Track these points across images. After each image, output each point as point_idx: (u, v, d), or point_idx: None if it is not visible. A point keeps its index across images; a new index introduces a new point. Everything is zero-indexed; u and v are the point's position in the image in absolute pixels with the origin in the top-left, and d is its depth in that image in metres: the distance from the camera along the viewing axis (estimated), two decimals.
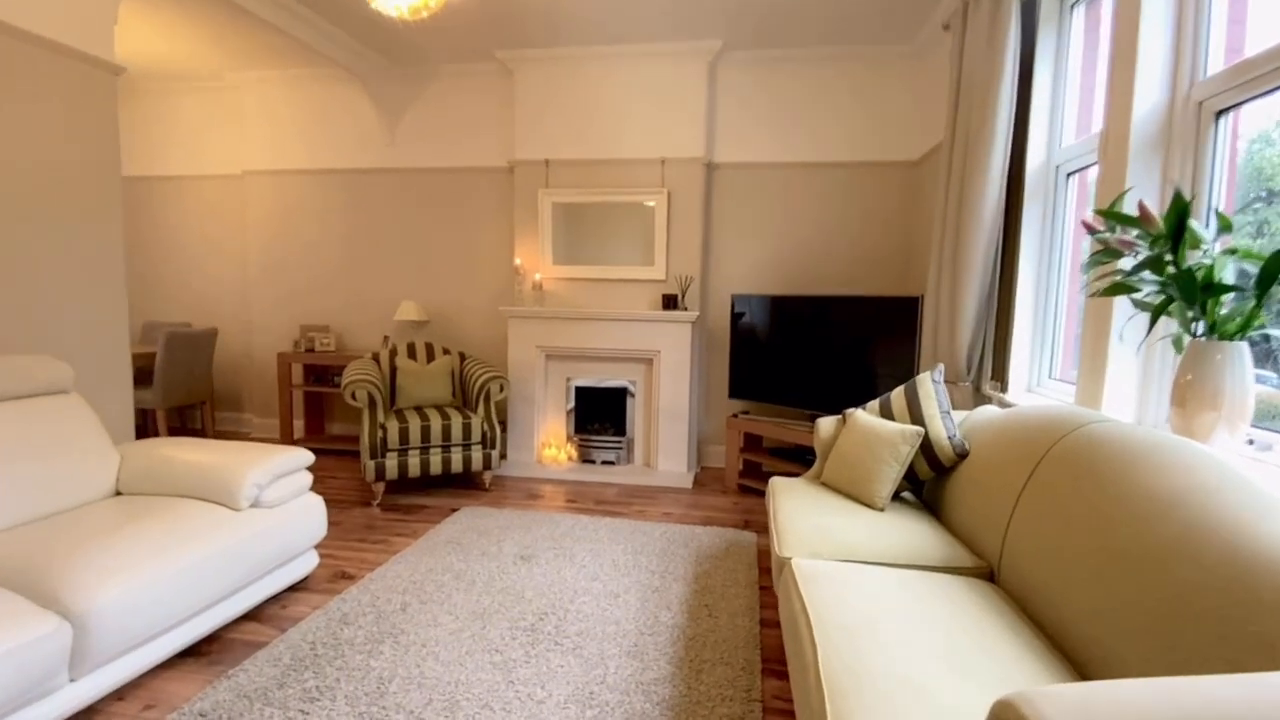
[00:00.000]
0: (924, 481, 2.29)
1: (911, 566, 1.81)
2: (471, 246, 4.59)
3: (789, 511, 2.11)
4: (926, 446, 2.18)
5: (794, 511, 2.10)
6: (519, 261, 4.28)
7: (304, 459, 2.41)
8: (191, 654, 2.01)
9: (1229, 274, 1.44)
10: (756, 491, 3.85)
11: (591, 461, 4.30)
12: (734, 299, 3.98)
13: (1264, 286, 1.34)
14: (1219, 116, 1.72)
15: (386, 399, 3.73)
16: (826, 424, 2.64)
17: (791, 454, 3.82)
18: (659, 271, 4.15)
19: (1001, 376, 2.74)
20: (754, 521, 3.33)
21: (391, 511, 3.36)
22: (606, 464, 4.27)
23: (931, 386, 2.28)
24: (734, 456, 3.89)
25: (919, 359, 3.23)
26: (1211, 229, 1.59)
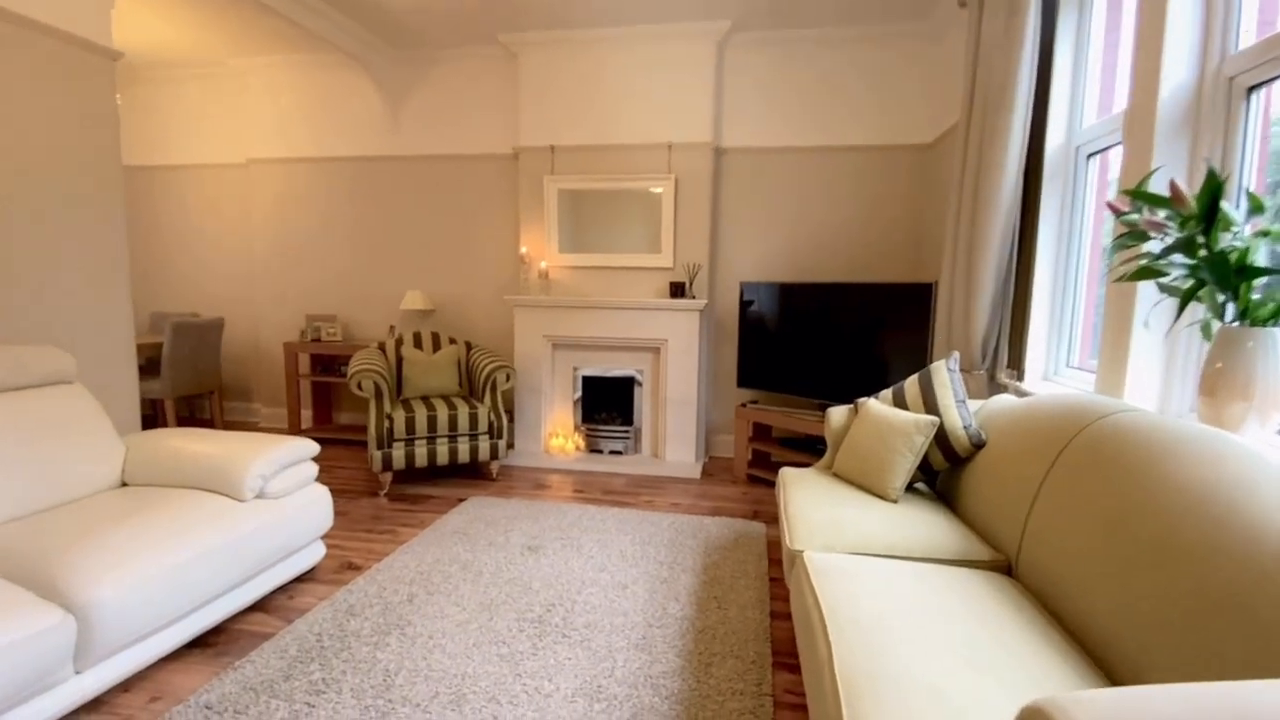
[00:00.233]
0: (938, 472, 2.24)
1: (927, 559, 1.77)
2: (477, 235, 4.55)
3: (800, 503, 2.07)
4: (941, 437, 2.13)
5: (805, 503, 2.06)
6: (525, 250, 4.23)
7: (308, 450, 2.39)
8: (198, 645, 2.00)
9: (1261, 257, 1.38)
10: (765, 482, 3.81)
11: (599, 451, 4.28)
12: (743, 286, 3.92)
13: None
14: (1250, 93, 1.65)
15: (393, 389, 3.71)
16: (838, 413, 2.59)
17: (801, 444, 3.78)
18: (666, 259, 4.09)
19: (1018, 365, 2.67)
20: (763, 512, 3.29)
21: (399, 502, 3.35)
22: (614, 454, 4.24)
23: (947, 375, 2.23)
24: (742, 446, 3.85)
25: (932, 347, 3.16)
26: (1242, 210, 1.52)
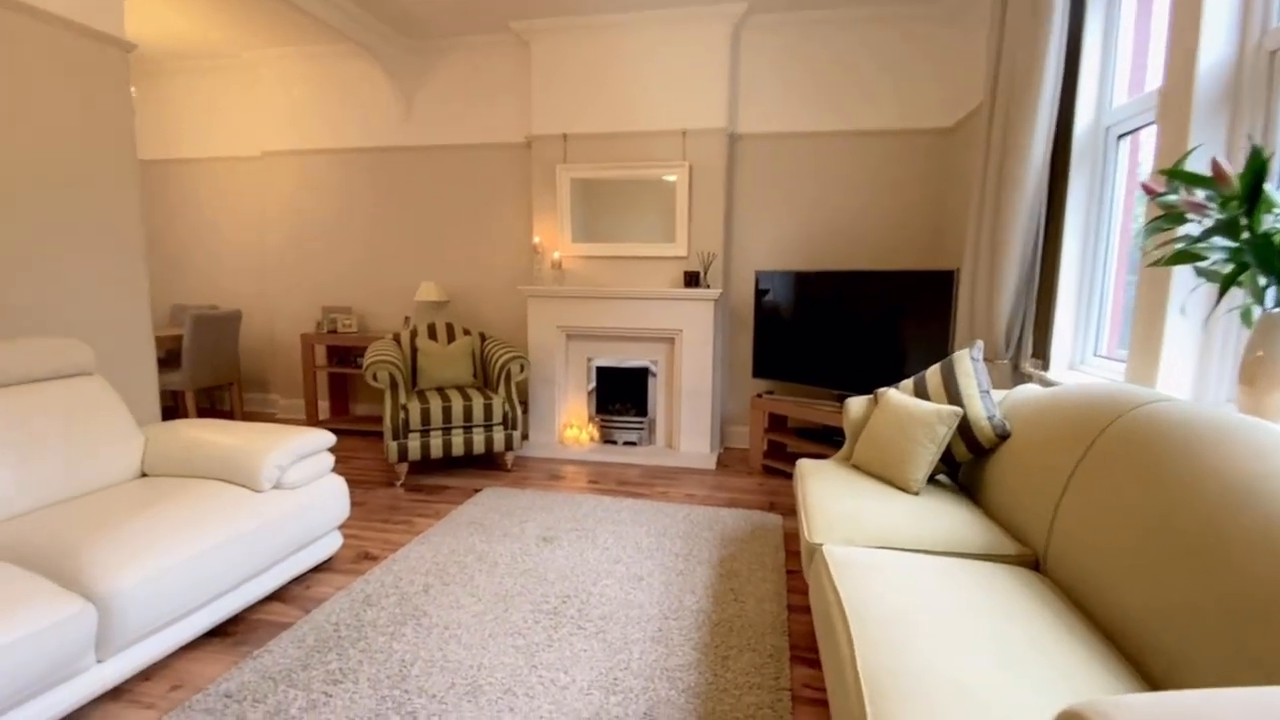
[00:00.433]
0: (960, 464, 2.19)
1: (950, 554, 1.73)
2: (490, 225, 4.53)
3: (819, 495, 2.03)
4: (964, 427, 2.08)
5: (824, 495, 2.02)
6: (538, 239, 4.20)
7: (324, 440, 2.40)
8: (217, 634, 2.02)
9: None
10: (781, 473, 3.77)
11: (613, 442, 4.26)
12: (758, 275, 3.87)
13: None
14: None
15: (408, 380, 3.72)
16: (857, 404, 2.54)
17: (818, 435, 3.73)
18: (680, 248, 4.04)
19: (1043, 353, 2.60)
20: (779, 503, 3.26)
21: (414, 492, 3.36)
22: (628, 444, 4.23)
23: (970, 364, 2.17)
24: (758, 437, 3.81)
25: (954, 336, 3.09)
26: None
